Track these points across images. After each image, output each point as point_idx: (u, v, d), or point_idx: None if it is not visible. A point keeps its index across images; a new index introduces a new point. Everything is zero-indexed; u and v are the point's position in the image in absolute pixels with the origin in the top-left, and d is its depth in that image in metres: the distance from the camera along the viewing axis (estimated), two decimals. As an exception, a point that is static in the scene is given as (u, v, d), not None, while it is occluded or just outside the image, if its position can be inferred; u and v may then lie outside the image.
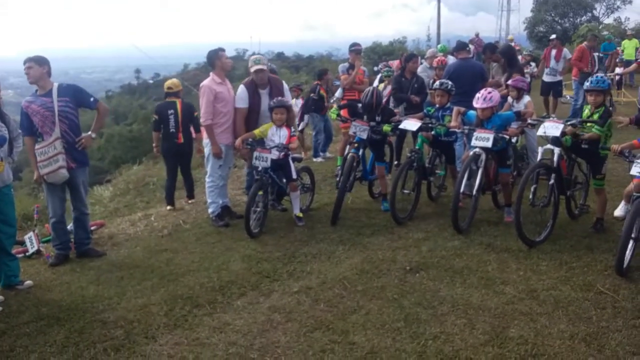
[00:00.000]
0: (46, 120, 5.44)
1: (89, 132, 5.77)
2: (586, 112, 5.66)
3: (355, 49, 9.18)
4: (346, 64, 9.37)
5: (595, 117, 5.46)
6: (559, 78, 12.41)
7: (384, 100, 9.14)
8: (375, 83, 10.56)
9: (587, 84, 5.55)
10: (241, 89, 6.64)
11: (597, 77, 5.56)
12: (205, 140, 6.64)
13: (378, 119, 6.66)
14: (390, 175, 7.48)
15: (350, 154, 6.56)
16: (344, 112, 7.10)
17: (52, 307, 4.66)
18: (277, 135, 6.30)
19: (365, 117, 6.71)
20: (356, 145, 6.62)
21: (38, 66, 5.46)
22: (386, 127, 6.48)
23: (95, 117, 5.92)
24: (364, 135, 6.52)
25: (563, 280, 4.65)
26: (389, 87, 9.55)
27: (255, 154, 6.16)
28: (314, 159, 10.31)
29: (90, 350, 3.93)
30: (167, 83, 8.07)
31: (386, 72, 10.67)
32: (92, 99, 5.81)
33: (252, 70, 6.58)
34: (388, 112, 6.97)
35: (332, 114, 7.05)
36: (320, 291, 4.66)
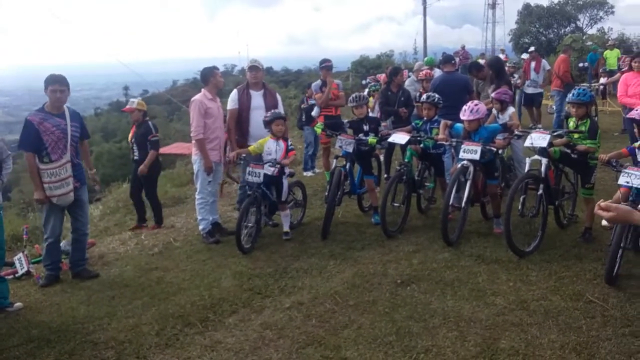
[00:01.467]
0: (59, 142, 5.44)
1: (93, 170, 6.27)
2: (571, 124, 5.73)
3: (325, 65, 8.88)
4: (319, 82, 9.01)
5: (582, 128, 5.53)
6: (539, 90, 12.61)
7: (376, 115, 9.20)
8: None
9: (569, 97, 5.63)
10: (232, 92, 6.96)
11: (579, 89, 5.65)
12: (194, 157, 6.65)
13: (366, 128, 6.73)
14: (379, 188, 7.52)
15: (337, 168, 6.60)
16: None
17: (42, 329, 4.62)
18: (274, 149, 6.34)
19: (351, 130, 6.76)
20: (343, 159, 6.66)
21: (67, 90, 5.57)
22: (371, 140, 6.53)
23: (85, 152, 6.06)
24: (350, 149, 6.56)
25: (553, 290, 4.68)
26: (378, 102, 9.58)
27: (248, 169, 6.18)
28: (305, 174, 10.33)
29: (81, 372, 3.91)
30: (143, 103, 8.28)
31: (373, 86, 10.72)
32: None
33: (247, 68, 6.98)
34: (374, 120, 7.10)
35: (317, 128, 7.08)
36: (312, 306, 4.67)
